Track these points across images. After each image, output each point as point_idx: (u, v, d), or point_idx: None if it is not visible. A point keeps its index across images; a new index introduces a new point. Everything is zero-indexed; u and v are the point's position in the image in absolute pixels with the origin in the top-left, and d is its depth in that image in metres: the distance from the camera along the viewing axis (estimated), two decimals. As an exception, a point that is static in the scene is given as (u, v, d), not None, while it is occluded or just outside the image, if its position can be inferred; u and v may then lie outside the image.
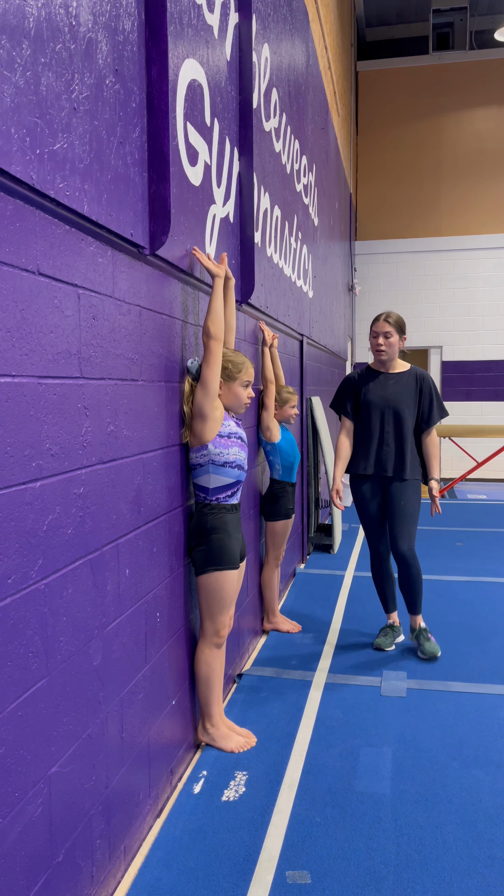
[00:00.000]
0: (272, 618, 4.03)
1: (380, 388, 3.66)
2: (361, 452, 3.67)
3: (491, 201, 10.51)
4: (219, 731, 2.71)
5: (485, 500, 8.73)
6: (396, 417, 3.60)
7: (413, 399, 3.62)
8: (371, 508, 3.70)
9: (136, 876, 2.03)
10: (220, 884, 2.00)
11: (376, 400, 3.63)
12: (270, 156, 3.95)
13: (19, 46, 1.39)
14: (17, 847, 1.45)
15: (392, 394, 3.63)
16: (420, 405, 3.64)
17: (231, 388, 2.65)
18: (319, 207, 6.32)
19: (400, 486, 3.60)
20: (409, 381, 3.66)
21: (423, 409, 3.64)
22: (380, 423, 3.63)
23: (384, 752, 2.70)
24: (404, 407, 3.60)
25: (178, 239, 2.34)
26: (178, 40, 2.29)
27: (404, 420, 3.59)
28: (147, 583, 2.17)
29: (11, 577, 1.43)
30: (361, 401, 3.68)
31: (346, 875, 2.03)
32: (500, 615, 4.28)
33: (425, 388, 3.65)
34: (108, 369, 1.87)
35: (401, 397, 3.62)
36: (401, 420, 3.59)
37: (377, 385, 3.67)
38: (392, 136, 10.76)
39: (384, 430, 3.62)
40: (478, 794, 2.42)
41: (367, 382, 3.70)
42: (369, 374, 3.74)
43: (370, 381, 3.70)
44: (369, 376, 3.72)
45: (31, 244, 1.49)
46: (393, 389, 3.64)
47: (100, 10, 1.75)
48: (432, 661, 3.52)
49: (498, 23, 10.20)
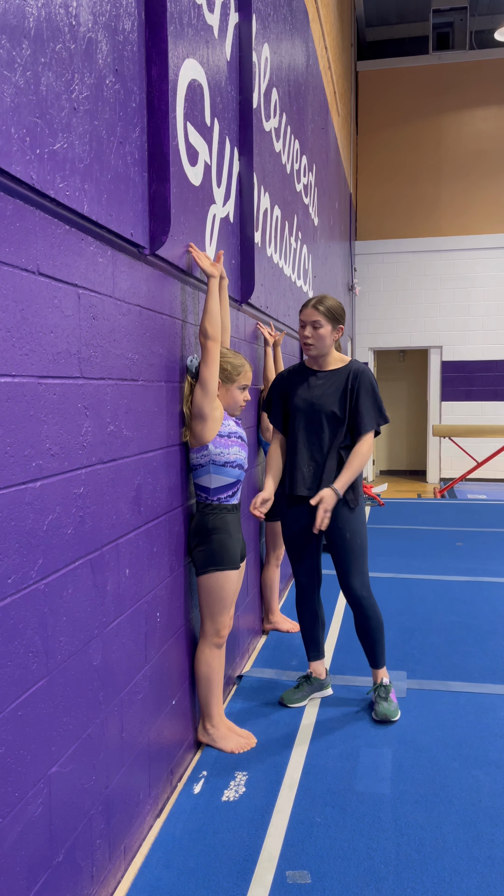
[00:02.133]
0: (272, 617, 4.03)
1: (306, 390, 2.96)
2: (286, 467, 2.99)
3: (491, 201, 10.51)
4: (219, 731, 2.71)
5: (485, 500, 8.73)
6: (319, 425, 2.92)
7: (341, 402, 2.90)
8: (292, 531, 3.02)
9: (136, 876, 2.03)
10: (220, 884, 2.00)
11: (300, 404, 2.94)
12: (270, 156, 3.95)
13: (19, 46, 1.39)
14: (17, 847, 1.45)
15: (318, 396, 2.92)
16: (350, 409, 2.91)
17: (228, 390, 2.65)
18: (319, 207, 6.32)
19: (338, 514, 2.91)
20: (339, 379, 2.93)
21: (351, 413, 2.90)
22: (304, 433, 2.94)
23: (384, 752, 2.70)
24: (330, 412, 2.89)
25: (178, 239, 2.34)
26: (178, 40, 2.29)
27: (330, 428, 2.90)
28: (147, 583, 2.17)
29: (11, 577, 1.43)
30: (289, 405, 3.00)
31: (346, 875, 2.03)
32: (500, 615, 4.28)
33: (356, 388, 2.90)
34: (108, 369, 1.87)
35: (326, 400, 2.90)
36: (324, 429, 2.91)
37: (304, 386, 2.97)
38: (392, 136, 10.76)
39: (308, 440, 2.94)
40: (478, 795, 2.42)
41: (295, 382, 3.01)
42: (300, 371, 3.03)
43: (299, 380, 3.00)
44: (299, 375, 3.02)
45: (31, 244, 1.49)
46: (319, 391, 2.93)
47: (100, 10, 1.75)
48: (385, 723, 2.92)
49: (498, 23, 10.20)
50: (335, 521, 2.93)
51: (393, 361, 11.86)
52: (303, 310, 2.91)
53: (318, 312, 2.88)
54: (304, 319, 2.90)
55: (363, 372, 2.94)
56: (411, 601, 4.59)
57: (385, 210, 10.85)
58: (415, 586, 4.94)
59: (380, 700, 3.00)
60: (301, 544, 3.04)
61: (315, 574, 3.09)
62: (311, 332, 2.90)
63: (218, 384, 2.56)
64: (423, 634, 3.96)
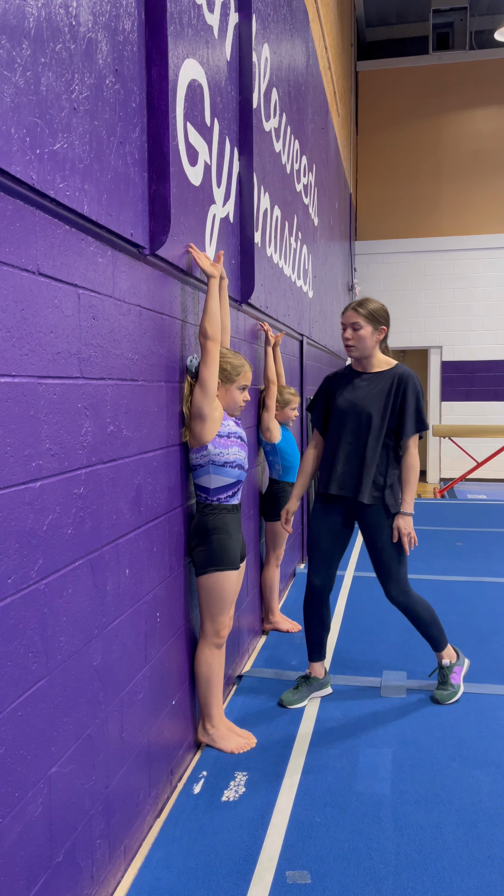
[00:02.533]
0: (272, 617, 4.03)
1: (349, 391, 3.02)
2: (323, 467, 3.05)
3: (490, 201, 10.51)
4: (219, 731, 2.71)
5: (485, 500, 8.73)
6: (359, 426, 2.96)
7: (383, 405, 2.94)
8: (319, 531, 3.07)
9: (136, 876, 2.03)
10: (220, 884, 2.00)
11: (343, 404, 2.99)
12: (270, 156, 3.95)
13: (19, 46, 1.39)
14: (17, 847, 1.45)
15: (360, 397, 2.97)
16: (393, 413, 2.95)
17: (228, 390, 2.65)
18: (319, 207, 6.32)
19: (374, 520, 2.96)
20: (383, 382, 2.98)
21: (396, 417, 2.95)
22: (343, 433, 2.99)
23: (384, 752, 2.70)
24: (370, 414, 2.93)
25: (178, 239, 2.34)
26: (178, 40, 2.29)
27: (369, 431, 2.93)
28: (147, 583, 2.17)
29: (11, 577, 1.43)
30: (333, 406, 3.05)
31: (346, 875, 2.03)
32: (500, 615, 4.28)
33: (401, 392, 2.95)
34: (108, 369, 1.87)
35: (368, 402, 2.94)
36: (364, 430, 2.94)
37: (349, 387, 3.03)
38: (392, 136, 10.76)
39: (347, 440, 2.98)
40: (478, 795, 2.42)
41: (340, 384, 3.08)
42: (346, 374, 3.10)
43: (344, 382, 3.07)
44: (345, 377, 3.09)
45: (31, 244, 1.49)
46: (362, 392, 2.98)
47: (100, 10, 1.75)
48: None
49: (498, 23, 10.20)
50: (374, 528, 2.99)
51: (393, 361, 11.84)
52: (343, 312, 2.98)
53: (357, 314, 2.94)
54: (345, 322, 2.97)
55: (409, 376, 2.98)
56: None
57: (385, 210, 10.85)
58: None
59: (439, 682, 3.17)
60: (324, 545, 3.07)
61: (330, 578, 3.10)
62: (351, 334, 2.96)
63: (217, 384, 2.56)
64: (423, 634, 3.96)
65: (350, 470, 2.97)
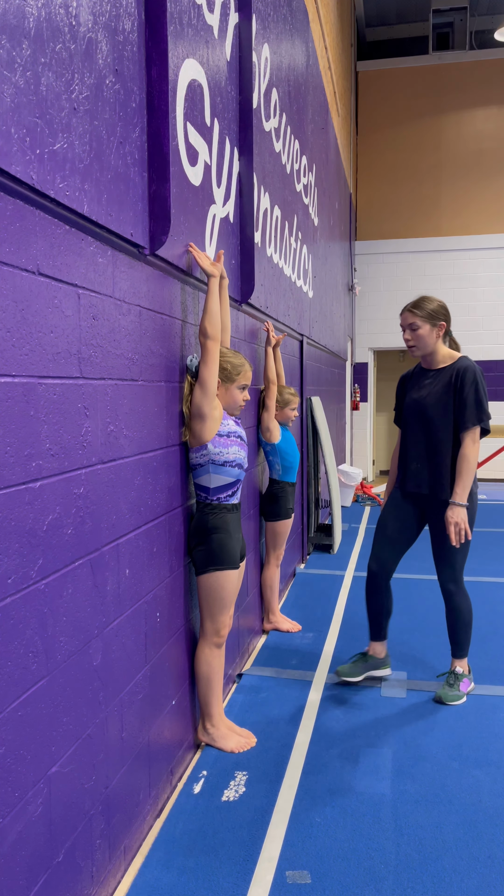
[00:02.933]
0: (272, 617, 4.03)
1: (416, 390, 3.13)
2: (401, 464, 3.19)
3: (491, 201, 10.51)
4: (219, 731, 2.71)
5: (485, 500, 8.73)
6: (424, 424, 3.06)
7: (445, 399, 3.00)
8: (387, 518, 3.22)
9: (136, 876, 2.03)
10: (220, 884, 2.00)
11: (410, 403, 3.12)
12: (270, 156, 3.95)
13: (19, 46, 1.39)
14: (17, 847, 1.45)
15: (424, 395, 3.07)
16: (454, 407, 3.00)
17: (228, 389, 2.65)
18: (319, 207, 6.32)
19: (435, 511, 3.09)
20: (445, 377, 3.03)
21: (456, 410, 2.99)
22: (412, 431, 3.11)
23: (384, 752, 2.70)
24: (437, 411, 3.01)
25: (178, 239, 2.34)
26: (178, 40, 2.29)
27: (437, 427, 3.01)
28: (147, 583, 2.17)
29: (11, 577, 1.43)
30: (404, 404, 3.20)
31: (346, 875, 2.03)
32: (500, 615, 4.28)
33: (460, 385, 2.98)
34: (108, 369, 1.87)
35: (431, 399, 3.03)
36: (429, 427, 3.04)
37: (416, 386, 3.15)
38: (392, 136, 10.76)
39: (416, 438, 3.10)
40: (478, 795, 2.42)
41: (411, 384, 3.22)
42: (417, 372, 3.22)
43: (414, 382, 3.20)
44: (415, 376, 3.21)
45: (31, 244, 1.49)
46: (426, 391, 3.08)
47: (100, 10, 1.75)
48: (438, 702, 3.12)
49: (498, 23, 10.20)
50: (436, 517, 3.10)
51: (393, 361, 11.86)
52: (401, 314, 3.09)
53: (413, 315, 3.04)
54: (402, 324, 3.09)
55: (467, 368, 3.01)
56: (411, 601, 4.59)
57: (385, 210, 10.85)
58: (415, 586, 4.94)
59: (445, 685, 3.17)
60: (389, 532, 3.22)
61: (387, 564, 3.22)
62: (410, 335, 3.07)
63: (217, 384, 2.56)
64: (423, 634, 3.96)
65: (421, 467, 3.10)
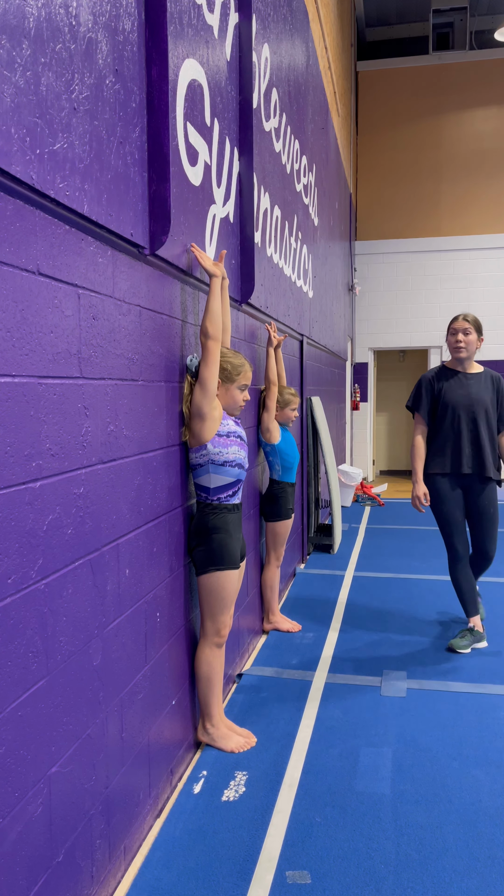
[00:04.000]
0: (272, 617, 4.03)
1: (460, 387, 3.71)
2: (443, 451, 3.71)
3: (491, 201, 10.51)
4: (219, 731, 2.71)
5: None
6: (478, 417, 3.67)
7: (493, 399, 3.71)
8: (450, 507, 3.72)
9: (136, 876, 2.03)
10: (220, 884, 2.00)
11: (459, 399, 3.69)
12: (270, 156, 3.95)
13: (19, 46, 1.39)
14: (17, 847, 1.45)
15: (474, 393, 3.69)
16: (499, 406, 3.74)
17: (228, 389, 2.65)
18: (319, 207, 6.32)
19: (482, 488, 3.69)
20: (486, 381, 3.75)
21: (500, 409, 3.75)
22: (464, 423, 3.68)
23: (384, 752, 2.70)
24: (486, 407, 3.67)
25: (178, 239, 2.34)
26: (178, 40, 2.29)
27: (488, 420, 3.68)
28: (147, 583, 2.17)
29: (11, 577, 1.43)
30: (442, 400, 3.73)
31: (346, 875, 2.03)
32: (499, 615, 4.28)
33: (501, 389, 3.75)
34: (108, 369, 1.87)
35: (482, 397, 3.69)
36: (484, 420, 3.67)
37: (457, 384, 3.72)
38: (392, 136, 10.76)
39: (467, 428, 3.67)
40: (478, 794, 2.42)
41: (446, 381, 3.75)
42: (446, 373, 3.79)
43: (449, 380, 3.75)
44: (447, 375, 3.77)
45: (31, 244, 1.49)
46: (474, 389, 3.70)
47: (100, 10, 1.75)
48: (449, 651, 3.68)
49: (498, 23, 10.20)
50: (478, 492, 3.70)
51: (393, 361, 11.86)
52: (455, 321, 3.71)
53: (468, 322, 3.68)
54: (457, 328, 3.69)
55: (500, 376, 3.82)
56: (411, 601, 4.59)
57: (385, 210, 10.85)
58: (415, 586, 4.94)
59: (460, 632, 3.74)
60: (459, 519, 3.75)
61: (468, 544, 3.78)
62: (462, 338, 3.69)
63: (218, 384, 2.56)
64: (423, 634, 3.96)
65: (472, 453, 3.66)
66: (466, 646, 3.69)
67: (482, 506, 3.69)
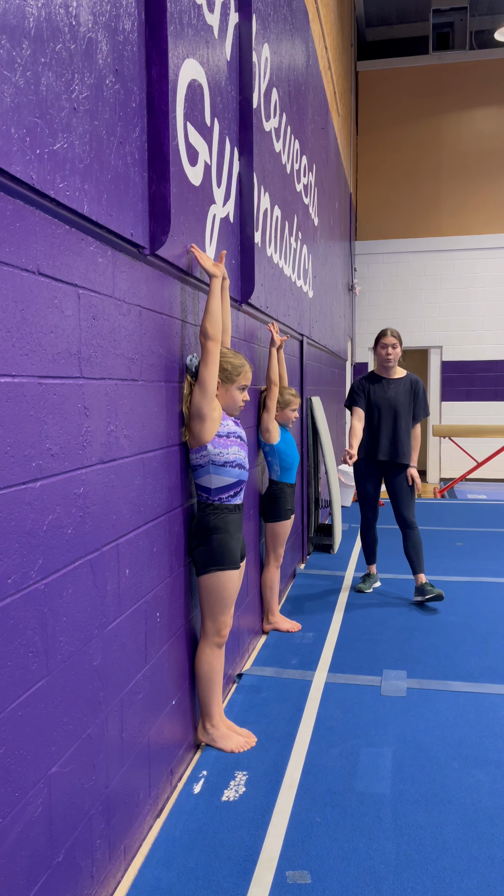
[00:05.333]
0: (272, 617, 4.03)
1: (383, 391, 4.68)
2: (367, 441, 4.68)
3: (491, 201, 10.51)
4: (219, 731, 2.71)
5: (485, 500, 8.73)
6: (397, 415, 4.61)
7: (409, 401, 4.66)
8: (366, 483, 4.80)
9: (136, 876, 2.03)
10: (220, 884, 2.00)
11: (381, 400, 4.65)
12: (270, 156, 3.95)
13: (19, 46, 1.39)
14: (17, 847, 1.45)
15: (394, 396, 4.65)
16: (415, 405, 4.68)
17: (228, 390, 2.65)
18: (319, 207, 6.32)
19: (396, 471, 4.66)
20: (406, 385, 4.69)
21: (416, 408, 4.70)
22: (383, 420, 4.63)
23: (384, 752, 2.70)
24: (404, 407, 4.63)
25: (178, 239, 2.34)
26: (178, 40, 2.29)
27: (405, 417, 4.63)
28: (147, 583, 2.17)
29: (11, 577, 1.43)
30: (369, 401, 4.68)
31: (346, 875, 2.03)
32: (500, 615, 4.28)
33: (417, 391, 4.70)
34: (108, 369, 1.87)
35: (401, 399, 4.64)
36: (402, 417, 4.62)
37: (381, 389, 4.70)
38: (392, 136, 10.76)
39: (386, 424, 4.63)
40: (478, 794, 2.42)
41: (372, 385, 4.74)
42: (374, 378, 4.77)
43: (375, 384, 4.74)
44: (374, 380, 4.76)
45: (31, 244, 1.49)
46: (393, 393, 4.66)
47: (100, 10, 1.75)
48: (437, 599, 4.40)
49: (498, 23, 10.20)
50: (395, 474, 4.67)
51: (393, 361, 11.84)
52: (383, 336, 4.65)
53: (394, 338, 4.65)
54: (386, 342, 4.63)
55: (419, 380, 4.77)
56: (411, 600, 4.59)
57: (385, 210, 10.85)
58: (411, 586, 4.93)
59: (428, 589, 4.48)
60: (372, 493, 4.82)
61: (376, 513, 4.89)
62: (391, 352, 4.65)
63: (217, 384, 2.56)
64: (423, 634, 3.96)
65: (390, 443, 4.62)
66: (368, 586, 4.80)
67: (396, 484, 4.65)
